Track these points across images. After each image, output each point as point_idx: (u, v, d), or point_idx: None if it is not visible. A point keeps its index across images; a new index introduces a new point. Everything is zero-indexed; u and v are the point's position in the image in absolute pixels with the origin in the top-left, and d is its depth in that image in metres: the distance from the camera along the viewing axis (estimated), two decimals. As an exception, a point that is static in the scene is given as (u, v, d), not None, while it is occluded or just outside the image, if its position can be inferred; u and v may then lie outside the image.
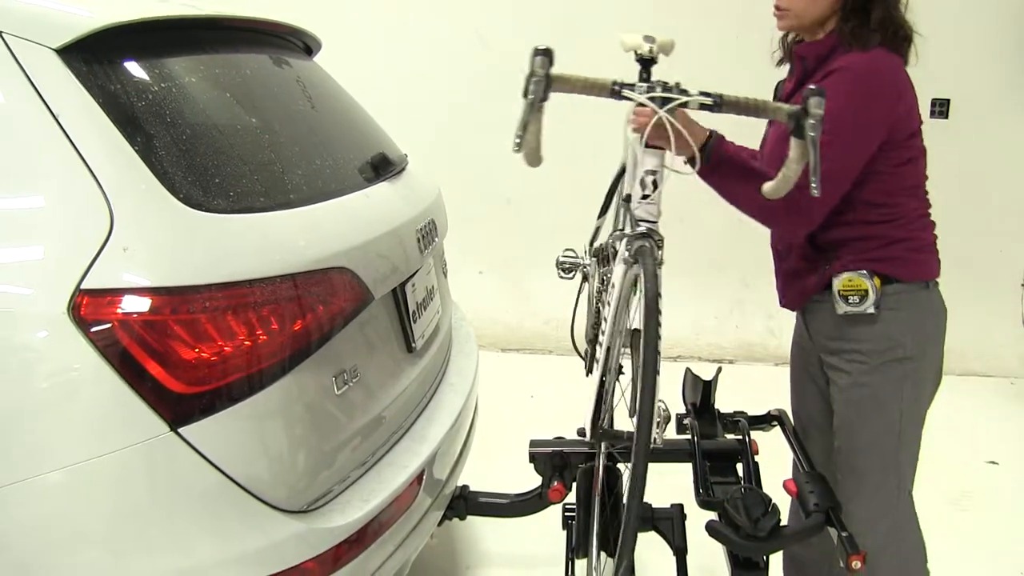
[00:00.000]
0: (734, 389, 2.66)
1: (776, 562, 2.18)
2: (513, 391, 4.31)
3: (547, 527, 2.90)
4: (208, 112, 1.81)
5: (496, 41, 5.09)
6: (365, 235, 1.90)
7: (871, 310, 2.03)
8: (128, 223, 1.49)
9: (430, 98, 5.11)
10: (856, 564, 1.83)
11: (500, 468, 2.55)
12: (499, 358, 4.96)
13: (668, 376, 2.83)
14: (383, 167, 2.25)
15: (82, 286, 1.44)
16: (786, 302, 2.33)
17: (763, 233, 5.26)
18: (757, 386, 2.59)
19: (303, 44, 2.47)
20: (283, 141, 1.98)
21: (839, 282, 2.05)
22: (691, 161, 2.05)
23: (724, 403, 2.48)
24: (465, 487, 2.46)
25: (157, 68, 1.74)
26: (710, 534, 1.98)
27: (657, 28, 1.98)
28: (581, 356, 2.58)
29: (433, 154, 2.64)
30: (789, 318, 5.23)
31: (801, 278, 2.20)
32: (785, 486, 2.12)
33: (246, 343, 1.55)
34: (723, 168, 2.07)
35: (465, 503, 2.43)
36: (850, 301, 2.04)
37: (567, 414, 2.53)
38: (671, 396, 2.68)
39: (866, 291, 2.03)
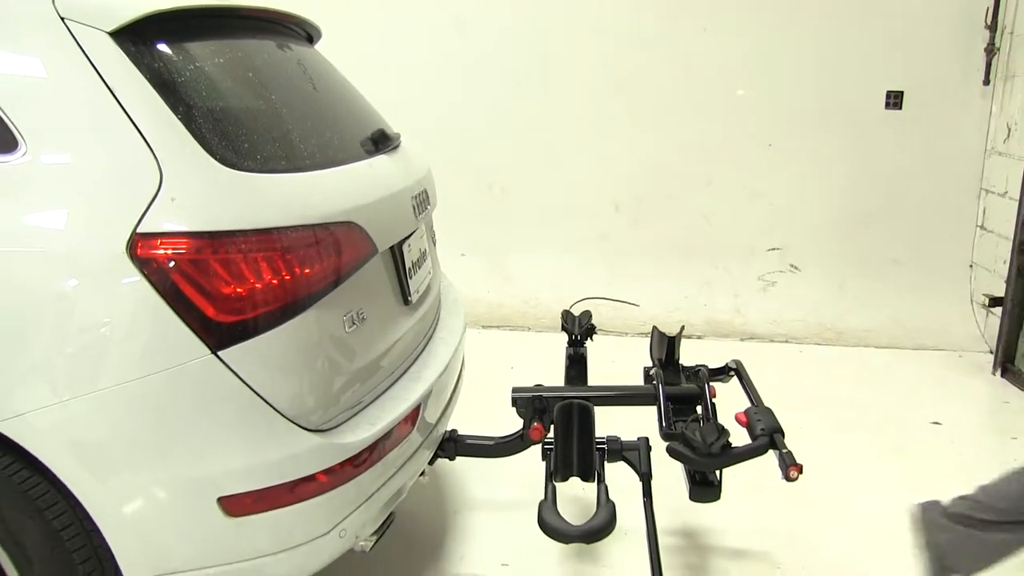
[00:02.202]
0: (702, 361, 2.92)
1: (730, 482, 2.47)
2: (495, 363, 4.59)
3: (526, 478, 3.20)
4: (234, 88, 2.09)
5: (478, 32, 5.37)
6: (370, 197, 2.18)
7: None
8: (175, 178, 1.77)
9: (413, 88, 5.38)
10: (794, 474, 2.13)
11: (484, 427, 2.82)
12: (480, 334, 5.24)
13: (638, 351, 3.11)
14: (382, 142, 2.54)
15: (138, 230, 1.72)
16: None
17: (730, 222, 5.61)
18: (725, 358, 2.87)
19: (305, 32, 2.74)
20: (296, 115, 2.26)
21: None
22: None
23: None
24: (454, 431, 2.73)
25: (190, 49, 2.01)
26: (671, 455, 2.28)
27: (629, 15, 2.17)
28: None
29: (416, 143, 2.90)
30: (754, 298, 5.58)
31: None
32: (736, 418, 2.42)
33: (273, 281, 1.83)
34: None
35: (455, 445, 2.70)
36: None
37: (544, 380, 2.82)
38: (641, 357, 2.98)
39: None
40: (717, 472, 2.40)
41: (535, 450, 2.70)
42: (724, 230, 5.53)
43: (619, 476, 2.47)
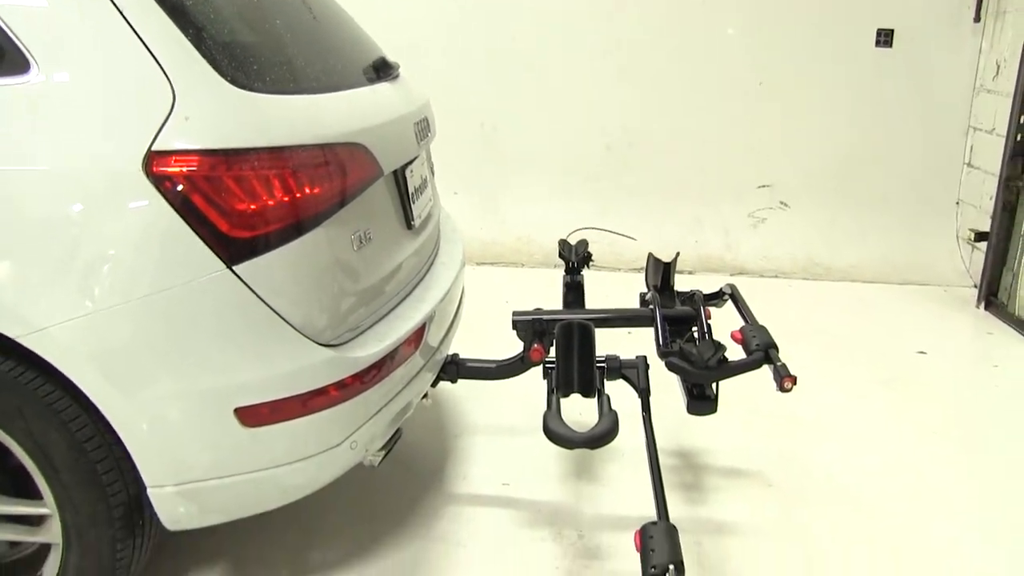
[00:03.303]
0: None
1: (723, 408, 2.56)
2: (489, 298, 4.67)
3: (526, 403, 3.28)
4: (239, 12, 2.12)
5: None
6: (375, 120, 2.23)
7: None
8: (187, 98, 1.80)
9: (405, 25, 5.36)
10: (788, 384, 2.21)
11: (483, 356, 2.87)
12: (475, 271, 5.31)
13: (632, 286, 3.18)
14: (383, 70, 2.58)
15: (153, 148, 1.76)
16: None
17: (720, 161, 5.63)
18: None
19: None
20: (300, 41, 2.30)
21: None
22: None
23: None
24: (456, 354, 2.80)
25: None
26: (669, 368, 2.36)
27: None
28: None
29: (409, 80, 2.93)
30: (744, 234, 5.65)
31: None
32: (732, 336, 2.50)
33: (285, 198, 1.88)
34: None
35: (457, 368, 2.77)
36: None
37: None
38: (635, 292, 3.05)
39: None
40: (713, 386, 2.49)
41: (534, 376, 2.78)
42: (714, 168, 5.58)
43: (616, 403, 2.53)
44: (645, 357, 2.61)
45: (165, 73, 1.80)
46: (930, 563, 2.54)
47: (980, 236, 5.01)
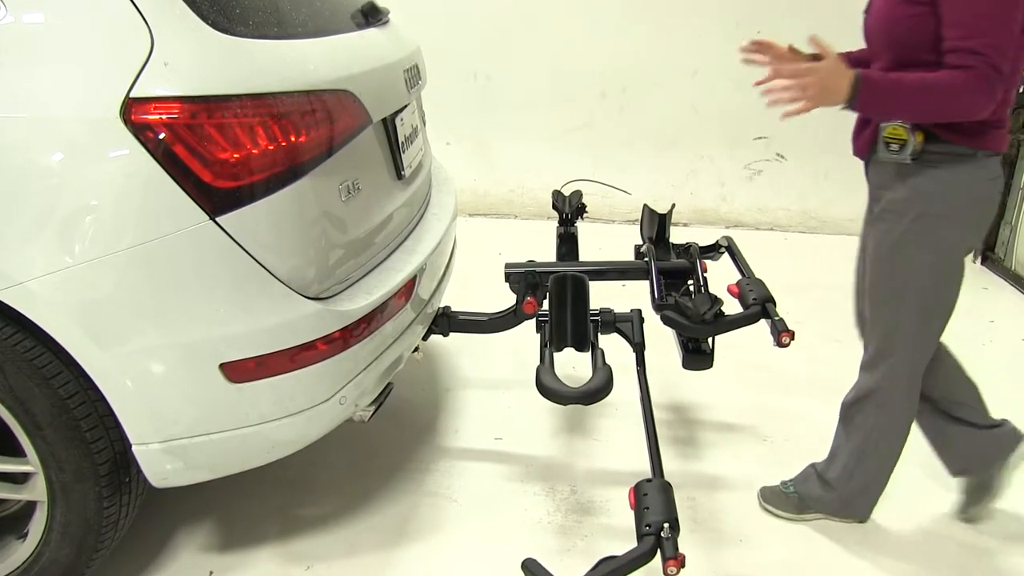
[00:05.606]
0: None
1: (718, 363, 2.52)
2: (482, 250, 4.61)
3: (517, 358, 3.25)
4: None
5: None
6: (363, 67, 2.16)
7: (908, 160, 2.08)
8: (166, 42, 1.73)
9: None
10: (786, 339, 2.18)
11: (474, 309, 2.82)
12: (467, 222, 5.25)
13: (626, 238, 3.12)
14: (372, 15, 2.50)
15: (131, 95, 1.69)
16: (855, 149, 2.44)
17: (716, 112, 5.53)
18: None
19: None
20: (286, -17, 2.21)
21: (885, 129, 2.14)
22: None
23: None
24: (447, 307, 2.75)
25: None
26: (664, 322, 2.31)
27: None
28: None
29: (399, 26, 2.85)
30: (740, 186, 5.57)
31: (865, 126, 2.36)
32: (728, 289, 2.46)
33: (269, 147, 1.82)
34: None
35: (448, 321, 2.72)
36: (890, 148, 2.12)
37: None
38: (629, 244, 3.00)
39: (905, 141, 2.09)
40: (709, 340, 2.45)
41: (527, 330, 2.74)
42: (710, 119, 5.49)
43: (610, 357, 2.49)
44: (640, 311, 2.57)
45: (142, 15, 1.73)
46: (926, 517, 2.53)
47: (978, 189, 4.96)
